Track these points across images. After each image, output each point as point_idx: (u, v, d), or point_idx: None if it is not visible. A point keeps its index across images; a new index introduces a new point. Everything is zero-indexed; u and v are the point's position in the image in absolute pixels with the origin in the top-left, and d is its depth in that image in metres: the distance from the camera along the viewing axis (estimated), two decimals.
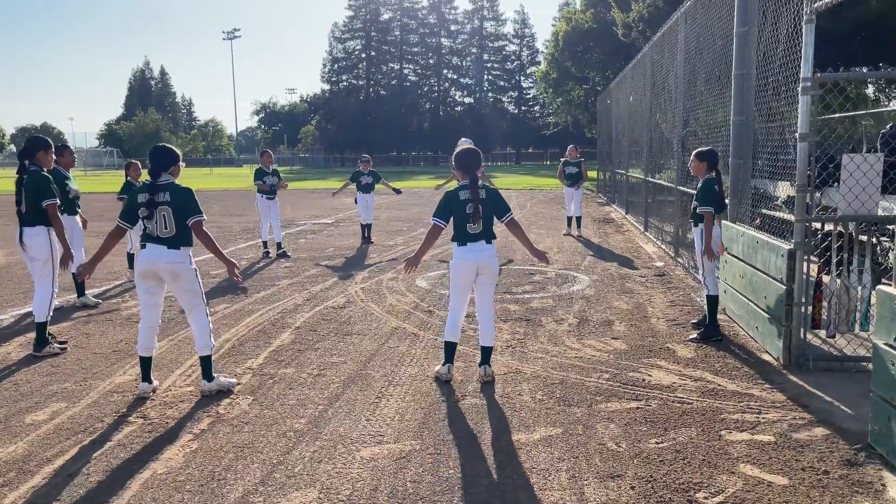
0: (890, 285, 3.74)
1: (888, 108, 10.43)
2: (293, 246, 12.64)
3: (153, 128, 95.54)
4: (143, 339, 4.90)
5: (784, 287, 5.26)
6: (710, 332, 6.08)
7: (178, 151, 5.02)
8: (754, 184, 7.01)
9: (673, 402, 4.61)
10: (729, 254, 6.84)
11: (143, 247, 4.79)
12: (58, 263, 5.97)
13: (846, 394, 4.71)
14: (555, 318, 7.00)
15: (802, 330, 5.28)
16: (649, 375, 5.16)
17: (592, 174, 30.18)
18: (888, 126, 9.52)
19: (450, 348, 5.15)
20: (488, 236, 5.02)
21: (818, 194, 7.19)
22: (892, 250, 6.84)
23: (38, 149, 6.09)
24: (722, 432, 4.11)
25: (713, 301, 6.14)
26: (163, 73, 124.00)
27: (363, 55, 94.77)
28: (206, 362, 4.91)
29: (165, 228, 4.72)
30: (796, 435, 4.06)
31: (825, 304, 5.29)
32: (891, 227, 6.86)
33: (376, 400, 4.72)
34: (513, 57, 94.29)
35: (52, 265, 6.02)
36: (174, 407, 4.64)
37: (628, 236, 13.61)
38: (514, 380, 5.12)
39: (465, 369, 5.36)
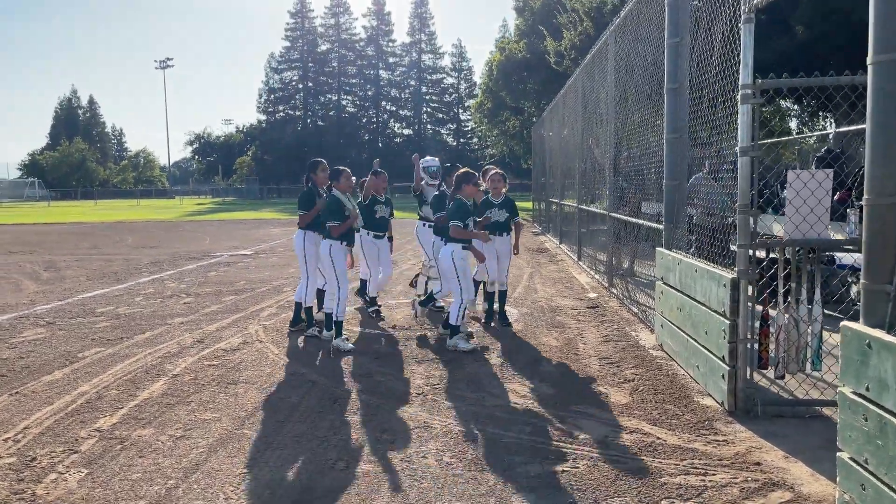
0: (856, 322, 3.09)
1: (825, 132, 10.18)
2: (200, 279, 11.55)
3: (78, 157, 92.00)
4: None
5: (727, 321, 4.61)
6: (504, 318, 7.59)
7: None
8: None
9: (605, 462, 3.86)
10: (665, 284, 6.22)
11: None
12: None
13: (801, 445, 4.06)
14: (477, 357, 6.22)
15: (749, 370, 4.63)
16: (578, 427, 4.40)
17: (528, 205, 29.91)
18: (822, 150, 9.23)
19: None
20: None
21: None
22: (851, 283, 6.36)
23: None
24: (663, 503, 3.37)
25: (504, 294, 7.71)
26: (91, 102, 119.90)
27: (300, 86, 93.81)
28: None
29: None
30: None
31: (772, 340, 4.68)
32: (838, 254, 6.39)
33: (245, 470, 3.81)
34: (451, 90, 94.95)
35: None
36: None
37: (561, 266, 13.04)
38: (420, 437, 4.28)
39: (361, 424, 4.50)
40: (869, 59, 2.97)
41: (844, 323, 3.09)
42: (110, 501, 3.44)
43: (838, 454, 3.15)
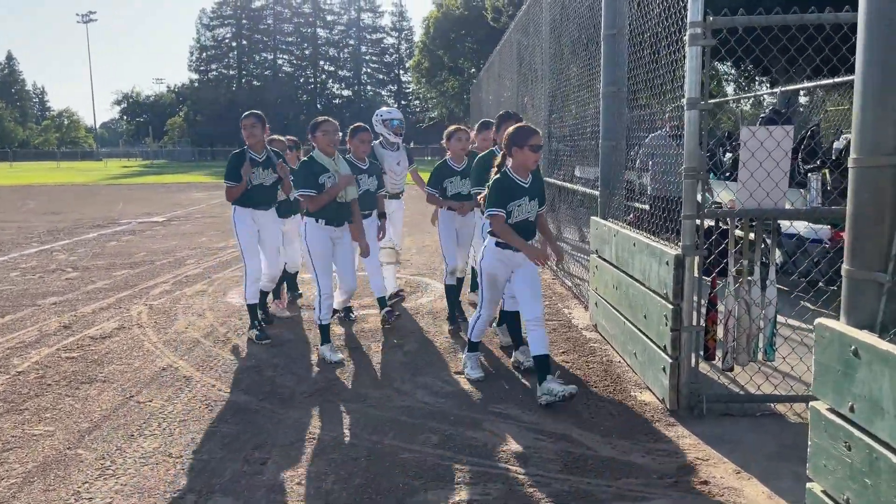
0: (835, 318, 2.40)
1: (764, 91, 9.64)
2: (96, 250, 10.37)
3: None
4: None
5: (670, 305, 3.93)
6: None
7: None
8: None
9: (524, 484, 3.14)
10: (600, 257, 5.53)
11: None
12: None
13: (754, 454, 3.42)
14: (389, 343, 5.43)
15: (694, 359, 3.98)
16: (495, 435, 3.67)
17: None
18: (769, 110, 8.68)
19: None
20: None
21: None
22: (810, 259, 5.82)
23: None
24: None
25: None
26: (9, 58, 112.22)
27: (234, 44, 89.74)
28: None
29: None
30: None
31: (721, 327, 4.02)
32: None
33: None
34: (391, 50, 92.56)
35: None
36: None
37: None
38: (301, 455, 3.48)
39: (232, 437, 3.67)
40: None
41: (820, 321, 2.39)
42: None
43: (808, 484, 2.48)
